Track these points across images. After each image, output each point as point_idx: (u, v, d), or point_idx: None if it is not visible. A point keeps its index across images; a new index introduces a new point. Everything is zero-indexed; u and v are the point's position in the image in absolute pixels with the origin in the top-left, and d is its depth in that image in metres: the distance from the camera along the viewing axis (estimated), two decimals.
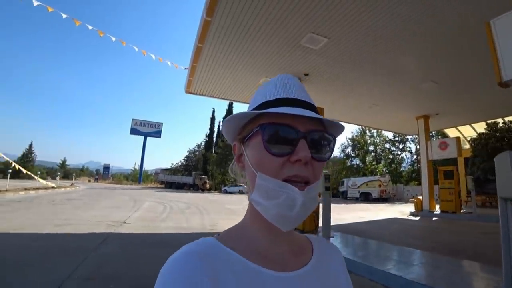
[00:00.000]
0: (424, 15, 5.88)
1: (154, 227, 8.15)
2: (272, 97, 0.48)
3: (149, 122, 61.60)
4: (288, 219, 0.44)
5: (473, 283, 3.46)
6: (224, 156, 46.68)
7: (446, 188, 12.84)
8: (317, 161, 0.46)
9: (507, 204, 3.04)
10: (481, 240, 7.23)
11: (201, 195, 31.76)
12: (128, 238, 6.66)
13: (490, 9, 4.98)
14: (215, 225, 9.17)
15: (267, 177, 0.44)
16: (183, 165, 56.80)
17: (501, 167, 3.08)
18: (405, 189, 31.30)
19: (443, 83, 9.45)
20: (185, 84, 9.89)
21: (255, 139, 0.47)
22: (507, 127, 15.92)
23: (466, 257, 5.04)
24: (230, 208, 15.80)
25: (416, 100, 11.38)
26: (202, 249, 0.44)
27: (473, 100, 11.33)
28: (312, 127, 0.46)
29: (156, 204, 16.48)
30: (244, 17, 6.02)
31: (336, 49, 7.40)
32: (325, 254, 0.56)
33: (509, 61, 2.86)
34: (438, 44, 7.05)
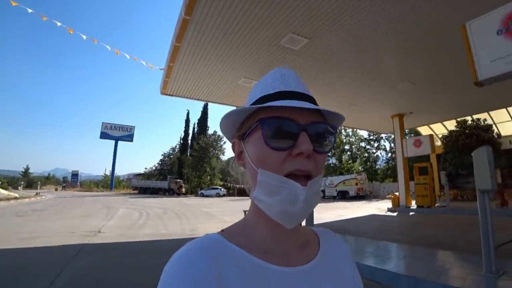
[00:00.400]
0: (403, 18, 6.14)
1: (132, 235, 7.89)
2: (270, 90, 0.48)
3: (121, 126, 59.75)
4: (291, 216, 0.44)
5: (455, 272, 3.64)
6: (200, 158, 46.15)
7: (421, 184, 13.46)
8: (319, 154, 0.46)
9: (484, 195, 3.26)
10: (457, 232, 7.62)
11: (177, 199, 31.27)
12: (105, 248, 6.39)
13: (465, 13, 5.29)
14: (195, 229, 9.07)
15: (269, 173, 0.44)
16: (158, 169, 55.53)
17: (478, 161, 3.30)
18: (381, 186, 32.48)
19: (419, 83, 9.90)
20: (161, 85, 9.69)
21: (254, 135, 0.47)
22: (475, 124, 16.97)
23: (445, 248, 5.28)
24: (208, 212, 15.68)
25: (392, 99, 11.84)
26: (206, 245, 0.44)
27: (446, 99, 12.00)
28: (312, 119, 0.46)
29: (131, 210, 16.01)
30: (224, 16, 5.98)
31: (316, 50, 7.53)
32: (332, 247, 0.56)
33: (484, 62, 3.05)
34: (416, 46, 7.39)
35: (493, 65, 3.02)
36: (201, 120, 55.44)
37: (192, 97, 10.88)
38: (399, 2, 5.69)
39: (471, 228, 7.73)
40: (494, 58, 3.01)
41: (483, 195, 3.26)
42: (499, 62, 2.97)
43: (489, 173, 3.13)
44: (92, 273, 4.49)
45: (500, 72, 2.99)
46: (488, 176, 3.13)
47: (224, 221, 11.28)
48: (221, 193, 39.59)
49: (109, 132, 58.22)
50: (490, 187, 3.15)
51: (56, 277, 4.23)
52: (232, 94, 10.67)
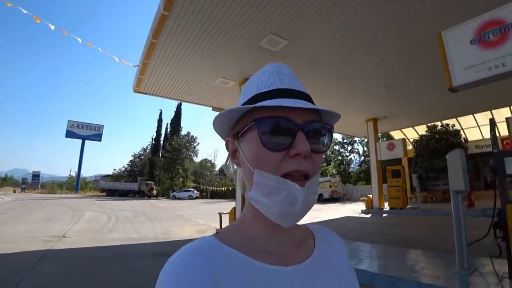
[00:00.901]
0: (380, 25, 6.40)
1: (101, 240, 7.59)
2: (266, 88, 0.47)
3: (88, 124, 57.32)
4: (290, 216, 0.44)
5: (430, 270, 3.82)
6: (172, 160, 45.34)
7: (394, 186, 14.00)
8: (316, 153, 0.46)
9: (458, 196, 3.47)
10: (429, 232, 8.02)
11: (148, 202, 30.53)
12: (71, 254, 6.07)
13: (440, 23, 5.60)
14: (168, 233, 8.91)
15: (266, 173, 0.44)
16: (127, 171, 53.90)
17: (452, 164, 3.51)
18: (354, 188, 33.44)
19: (393, 88, 10.36)
20: (134, 82, 9.44)
21: (250, 134, 0.46)
22: (445, 130, 17.99)
23: (419, 248, 5.54)
24: (181, 215, 15.45)
25: (367, 103, 12.28)
26: (202, 248, 0.43)
27: (418, 105, 12.66)
28: (309, 118, 0.46)
29: (98, 214, 15.41)
30: (204, 14, 5.92)
31: (294, 53, 7.65)
32: (328, 244, 0.56)
33: (458, 69, 3.26)
34: (391, 53, 7.74)
35: (466, 73, 3.22)
36: (174, 120, 54.54)
37: (166, 96, 10.69)
38: (377, 10, 5.93)
39: (442, 228, 8.18)
40: (467, 66, 3.22)
41: (457, 196, 3.47)
42: (472, 70, 3.18)
43: (463, 175, 3.35)
44: (57, 281, 4.26)
45: (472, 80, 3.20)
46: (461, 178, 3.34)
47: (198, 224, 11.13)
48: (193, 195, 39.11)
49: (76, 131, 55.64)
50: (464, 188, 3.37)
51: (16, 286, 3.97)
52: (209, 94, 10.59)
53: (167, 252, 6.16)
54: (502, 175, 2.79)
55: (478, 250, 3.78)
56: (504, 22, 2.87)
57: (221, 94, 10.60)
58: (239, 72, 8.84)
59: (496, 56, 2.89)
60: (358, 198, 27.55)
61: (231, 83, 9.53)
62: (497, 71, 2.89)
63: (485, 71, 3.01)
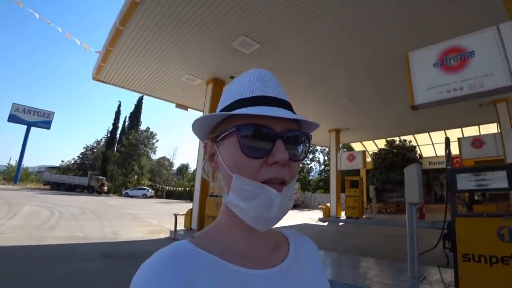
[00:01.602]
0: (351, 39, 6.72)
1: (40, 238, 6.99)
2: (249, 94, 0.48)
3: (37, 110, 52.65)
4: (266, 221, 0.46)
5: (384, 278, 4.05)
6: (128, 155, 43.71)
7: (351, 196, 14.63)
8: (294, 161, 0.48)
9: (412, 207, 3.76)
10: (384, 242, 8.48)
11: (97, 198, 29.01)
12: (3, 252, 5.54)
13: (407, 44, 6.04)
14: (118, 232, 8.54)
15: (244, 178, 0.45)
16: (77, 164, 50.85)
17: (409, 177, 3.78)
18: (312, 196, 34.47)
19: (358, 101, 10.90)
20: (94, 69, 8.98)
21: (229, 139, 0.47)
22: (402, 145, 19.32)
23: (374, 256, 5.82)
24: (133, 214, 14.94)
25: (332, 114, 12.80)
26: (176, 253, 0.43)
27: (380, 119, 13.47)
28: (288, 126, 0.47)
29: (40, 208, 14.34)
30: (178, 7, 5.80)
31: (266, 57, 7.76)
32: (301, 248, 0.58)
33: (420, 89, 3.53)
34: (359, 68, 8.14)
35: (428, 93, 3.50)
36: (133, 114, 52.62)
37: (128, 87, 10.29)
38: (346, 28, 6.28)
39: (395, 238, 8.70)
40: (429, 87, 3.50)
41: (412, 207, 3.75)
42: (433, 90, 3.46)
43: (418, 189, 3.64)
44: None
45: (432, 100, 3.48)
46: (417, 191, 3.62)
47: (151, 225, 10.80)
48: (148, 194, 37.87)
49: (21, 116, 50.91)
50: (418, 201, 3.65)
51: None
52: (174, 90, 10.38)
53: (115, 253, 5.88)
54: (454, 190, 3.08)
55: (428, 260, 4.11)
56: (465, 50, 3.18)
57: (187, 91, 10.44)
58: (207, 71, 8.78)
59: (455, 80, 3.19)
60: (316, 206, 28.42)
61: (198, 81, 9.43)
62: (455, 94, 3.18)
63: (444, 93, 3.30)
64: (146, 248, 6.70)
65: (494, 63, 2.96)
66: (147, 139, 48.24)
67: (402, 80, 4.72)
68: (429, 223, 4.25)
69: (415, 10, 5.61)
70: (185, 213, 8.94)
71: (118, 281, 4.17)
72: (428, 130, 16.54)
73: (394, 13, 5.72)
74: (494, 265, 2.72)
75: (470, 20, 5.58)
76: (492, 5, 5.01)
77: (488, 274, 2.73)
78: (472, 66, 3.12)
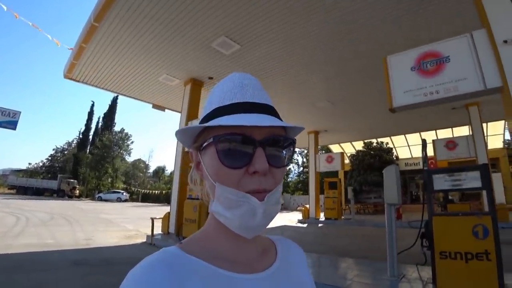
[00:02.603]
0: (331, 42, 6.87)
1: (5, 246, 6.62)
2: (227, 101, 0.48)
3: (1, 109, 50.09)
4: (251, 228, 0.46)
5: (363, 278, 4.16)
6: (102, 157, 42.43)
7: (330, 198, 14.90)
8: (277, 168, 0.48)
9: (391, 208, 3.89)
10: (363, 242, 8.68)
11: (68, 202, 27.99)
12: None
13: (385, 49, 6.26)
14: (91, 238, 8.24)
15: (227, 188, 0.45)
16: (46, 166, 48.65)
17: (388, 178, 3.92)
18: (291, 198, 34.85)
19: (336, 104, 11.14)
20: (66, 67, 8.66)
21: (210, 149, 0.48)
22: (379, 147, 19.90)
23: (353, 256, 5.96)
24: (107, 218, 14.52)
25: (311, 116, 12.99)
26: (164, 258, 0.43)
27: (358, 122, 13.84)
28: (269, 133, 0.47)
29: (4, 214, 13.64)
30: (157, 4, 5.70)
31: (245, 58, 7.79)
32: (288, 253, 0.59)
33: (398, 92, 3.67)
34: (338, 70, 8.33)
35: (405, 96, 3.65)
36: (107, 114, 51.05)
37: (102, 86, 9.99)
38: (326, 31, 6.43)
39: (374, 238, 8.94)
40: (406, 90, 3.64)
41: (390, 207, 3.88)
42: (410, 93, 3.61)
43: (397, 189, 3.78)
44: None
45: (410, 102, 3.63)
46: (395, 192, 3.76)
47: (126, 229, 10.53)
48: (122, 197, 36.86)
49: None
50: (397, 201, 3.79)
51: None
52: (151, 90, 10.21)
53: (89, 260, 5.67)
54: (430, 190, 3.23)
55: (406, 259, 4.26)
56: (440, 55, 3.34)
57: (164, 91, 10.29)
58: (186, 71, 8.70)
59: (431, 84, 3.34)
60: (295, 208, 28.72)
61: (176, 81, 9.32)
62: (431, 97, 3.33)
63: (421, 96, 3.45)
64: (122, 254, 6.52)
65: (468, 68, 3.13)
66: (121, 141, 47.03)
67: (380, 83, 4.89)
68: (406, 223, 4.41)
69: (391, 14, 5.82)
70: (162, 217, 8.78)
71: None
72: (404, 132, 17.17)
73: (372, 17, 5.91)
74: (469, 261, 2.87)
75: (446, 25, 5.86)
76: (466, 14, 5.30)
77: (464, 270, 2.88)
78: (447, 70, 3.28)
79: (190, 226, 7.27)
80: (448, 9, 5.54)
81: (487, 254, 2.82)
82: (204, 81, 9.27)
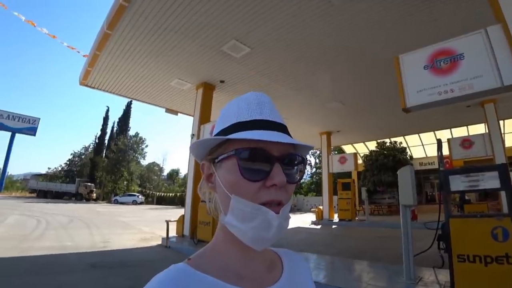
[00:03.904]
0: (342, 43, 6.81)
1: (26, 249, 6.80)
2: (247, 117, 0.50)
3: (21, 116, 51.33)
4: (264, 240, 0.47)
5: (379, 281, 4.08)
6: (117, 161, 43.11)
7: (344, 199, 14.73)
8: (291, 183, 0.50)
9: (406, 210, 3.80)
10: (377, 243, 8.52)
11: (86, 206, 28.55)
12: None
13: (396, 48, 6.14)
14: (108, 241, 8.37)
15: (243, 199, 0.47)
16: (64, 171, 49.86)
17: (403, 179, 3.83)
18: (305, 199, 34.64)
19: (348, 104, 11.01)
20: (81, 74, 8.88)
21: (228, 162, 0.49)
22: (393, 146, 19.52)
23: (368, 258, 5.86)
24: (124, 221, 14.72)
25: (323, 117, 12.89)
26: (174, 277, 0.45)
27: (370, 122, 13.63)
28: (285, 150, 0.49)
29: (26, 218, 13.99)
30: (167, 11, 5.78)
31: (256, 61, 7.79)
32: (294, 266, 0.60)
33: (411, 91, 3.58)
34: (350, 71, 8.24)
35: (419, 95, 3.56)
36: (122, 119, 51.93)
37: (116, 92, 10.19)
38: (338, 31, 6.36)
39: (389, 239, 8.78)
40: (420, 89, 3.56)
41: (405, 209, 3.79)
42: (424, 93, 3.52)
43: (412, 191, 3.68)
44: None
45: (423, 102, 3.54)
46: (411, 193, 3.67)
47: (142, 232, 10.66)
48: (138, 200, 37.38)
49: (5, 122, 49.57)
50: (412, 203, 3.70)
51: None
52: (163, 95, 10.34)
53: (106, 263, 5.75)
54: (447, 191, 3.13)
55: (423, 261, 4.15)
56: (454, 53, 3.25)
57: (176, 95, 10.40)
58: (197, 75, 8.77)
59: (446, 82, 3.25)
60: (309, 209, 28.53)
61: (188, 85, 9.41)
62: (446, 96, 3.24)
63: (435, 95, 3.36)
64: (138, 256, 6.59)
65: (484, 65, 3.03)
66: (136, 145, 47.75)
67: (392, 83, 4.78)
68: (421, 224, 4.29)
69: (405, 11, 5.71)
70: (177, 220, 8.84)
71: None
72: (418, 131, 16.81)
73: (385, 15, 5.81)
74: (489, 265, 2.76)
75: (459, 22, 5.71)
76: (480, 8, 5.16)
77: (483, 274, 2.77)
78: (462, 68, 3.19)
79: (204, 228, 7.32)
80: (461, 7, 5.41)
81: (507, 258, 2.71)
82: (215, 85, 9.32)
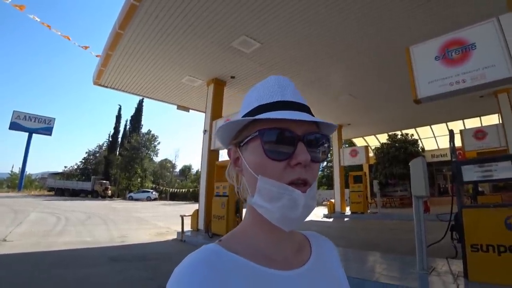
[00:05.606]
0: (352, 36, 6.75)
1: (49, 244, 7.03)
2: (268, 100, 0.51)
3: (37, 116, 52.64)
4: (291, 220, 0.47)
5: (393, 272, 4.09)
6: (131, 158, 43.66)
7: (356, 192, 14.68)
8: (315, 162, 0.50)
9: (419, 200, 3.78)
10: (390, 235, 8.50)
11: (102, 202, 29.07)
12: (14, 259, 5.54)
13: (407, 39, 6.06)
14: (125, 236, 8.57)
15: (269, 180, 0.47)
16: (80, 169, 50.84)
17: (415, 170, 3.81)
18: (316, 193, 34.56)
19: (359, 97, 10.92)
20: (95, 74, 9.04)
21: (253, 144, 0.49)
22: (404, 138, 19.27)
23: (381, 250, 5.87)
24: (139, 217, 14.94)
25: (333, 110, 12.81)
26: (206, 257, 0.45)
27: (381, 114, 13.48)
28: (309, 129, 0.49)
29: (46, 215, 14.36)
30: (178, 8, 5.83)
31: (266, 56, 7.79)
32: (323, 249, 0.61)
33: (423, 82, 3.55)
34: (360, 63, 8.16)
35: (430, 86, 3.52)
36: (134, 117, 52.51)
37: (129, 91, 10.36)
38: (348, 23, 6.30)
39: (401, 231, 8.73)
40: (431, 80, 3.52)
41: (418, 200, 3.78)
42: (435, 84, 3.48)
43: (424, 182, 3.67)
44: None
45: (435, 93, 3.50)
46: (423, 184, 3.65)
47: (157, 227, 10.86)
48: (152, 196, 37.91)
49: (22, 123, 50.94)
50: (425, 194, 3.68)
51: None
52: (175, 92, 10.44)
53: (124, 256, 5.93)
54: (460, 182, 3.11)
55: (436, 252, 4.14)
56: (466, 43, 3.20)
57: (187, 92, 10.48)
58: (208, 72, 8.82)
59: (457, 73, 3.21)
60: (320, 203, 28.43)
61: (199, 82, 9.47)
62: (457, 86, 3.20)
63: (447, 86, 3.32)
64: (155, 250, 6.75)
65: (496, 55, 2.98)
66: (149, 142, 48.25)
67: (403, 74, 4.73)
68: (434, 216, 4.27)
69: (412, 5, 5.62)
70: (191, 214, 8.98)
71: (129, 284, 4.24)
72: (429, 123, 16.53)
73: (395, 6, 5.73)
74: (502, 254, 2.75)
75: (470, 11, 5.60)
76: None
77: (496, 263, 2.76)
78: (473, 58, 3.14)
79: (219, 222, 7.40)
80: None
81: None
82: (226, 81, 9.36)
